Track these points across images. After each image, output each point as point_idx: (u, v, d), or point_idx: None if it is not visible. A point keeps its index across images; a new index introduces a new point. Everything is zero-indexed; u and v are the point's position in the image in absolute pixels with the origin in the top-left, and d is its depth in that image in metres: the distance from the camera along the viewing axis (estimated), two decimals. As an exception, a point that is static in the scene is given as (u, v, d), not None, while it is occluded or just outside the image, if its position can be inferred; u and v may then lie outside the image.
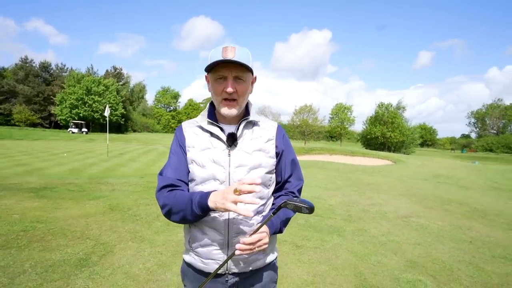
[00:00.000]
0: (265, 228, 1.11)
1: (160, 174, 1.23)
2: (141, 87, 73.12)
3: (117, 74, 63.25)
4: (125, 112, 55.29)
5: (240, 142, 1.20)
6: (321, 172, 12.67)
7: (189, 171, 1.22)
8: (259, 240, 1.06)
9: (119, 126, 54.62)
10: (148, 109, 73.97)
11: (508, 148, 62.93)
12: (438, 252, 4.00)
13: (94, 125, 51.08)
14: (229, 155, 1.17)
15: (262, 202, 1.21)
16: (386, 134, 46.65)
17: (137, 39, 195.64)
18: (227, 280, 1.19)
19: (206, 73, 1.22)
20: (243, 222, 1.15)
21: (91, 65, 71.75)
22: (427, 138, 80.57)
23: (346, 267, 3.39)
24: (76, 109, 48.02)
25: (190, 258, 1.23)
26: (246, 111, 1.27)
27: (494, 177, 14.52)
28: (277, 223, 1.17)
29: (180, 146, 1.24)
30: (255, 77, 1.27)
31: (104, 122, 50.14)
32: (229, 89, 1.14)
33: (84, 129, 44.23)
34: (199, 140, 1.22)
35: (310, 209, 0.99)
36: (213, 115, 1.26)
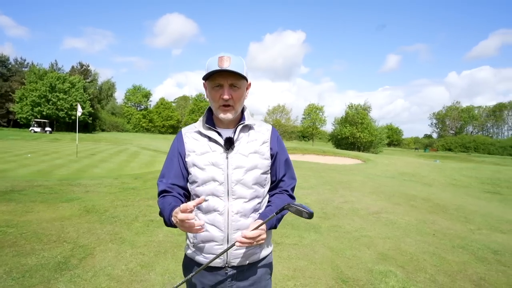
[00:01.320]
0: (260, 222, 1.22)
1: (158, 180, 1.37)
2: (110, 85, 70.29)
3: (84, 71, 60.31)
4: (92, 111, 52.91)
5: (237, 145, 1.30)
6: (295, 171, 12.97)
7: (188, 174, 1.33)
8: (258, 235, 1.18)
9: (86, 125, 52.18)
10: (118, 107, 71.25)
11: (464, 148, 67.70)
12: (406, 244, 4.32)
13: (59, 124, 48.39)
14: (227, 157, 1.28)
15: (259, 200, 1.32)
16: (355, 134, 48.45)
17: (105, 35, 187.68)
18: (227, 272, 1.29)
19: (204, 81, 1.33)
20: (241, 220, 1.26)
21: (55, 60, 67.71)
22: (393, 138, 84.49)
23: (324, 262, 3.58)
24: (39, 107, 45.15)
25: (191, 252, 1.33)
26: (242, 116, 1.37)
27: (452, 174, 15.63)
28: (273, 220, 1.29)
29: (178, 152, 1.34)
30: (250, 84, 1.38)
31: (70, 121, 47.67)
32: (225, 96, 1.25)
33: (48, 128, 41.69)
34: (199, 145, 1.32)
35: (310, 215, 1.12)
36: (211, 121, 1.36)
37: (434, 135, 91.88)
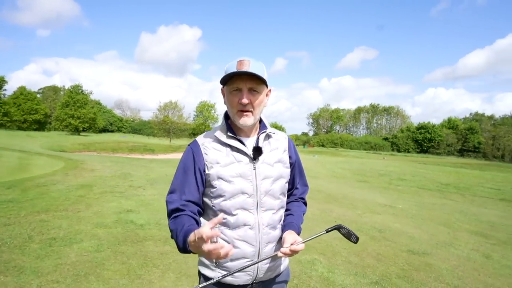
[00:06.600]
0: (295, 234, 1.22)
1: (168, 196, 1.22)
2: None
3: None
4: None
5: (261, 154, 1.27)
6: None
7: (211, 188, 1.23)
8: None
9: None
10: (-46, 96, 54.66)
11: (333, 144, 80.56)
12: (319, 233, 4.91)
13: None
14: (254, 168, 1.23)
15: (283, 210, 1.33)
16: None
17: None
18: None
19: (222, 87, 1.27)
20: (271, 232, 1.25)
21: None
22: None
23: (258, 259, 3.74)
24: None
25: (214, 273, 1.22)
26: (261, 123, 1.34)
27: (332, 167, 18.42)
28: (299, 227, 1.31)
29: (195, 165, 1.22)
30: (270, 90, 1.32)
31: None
32: (244, 100, 1.19)
33: None
34: (222, 156, 1.23)
35: (357, 239, 1.22)
36: (231, 129, 1.28)
37: (311, 133, 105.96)
